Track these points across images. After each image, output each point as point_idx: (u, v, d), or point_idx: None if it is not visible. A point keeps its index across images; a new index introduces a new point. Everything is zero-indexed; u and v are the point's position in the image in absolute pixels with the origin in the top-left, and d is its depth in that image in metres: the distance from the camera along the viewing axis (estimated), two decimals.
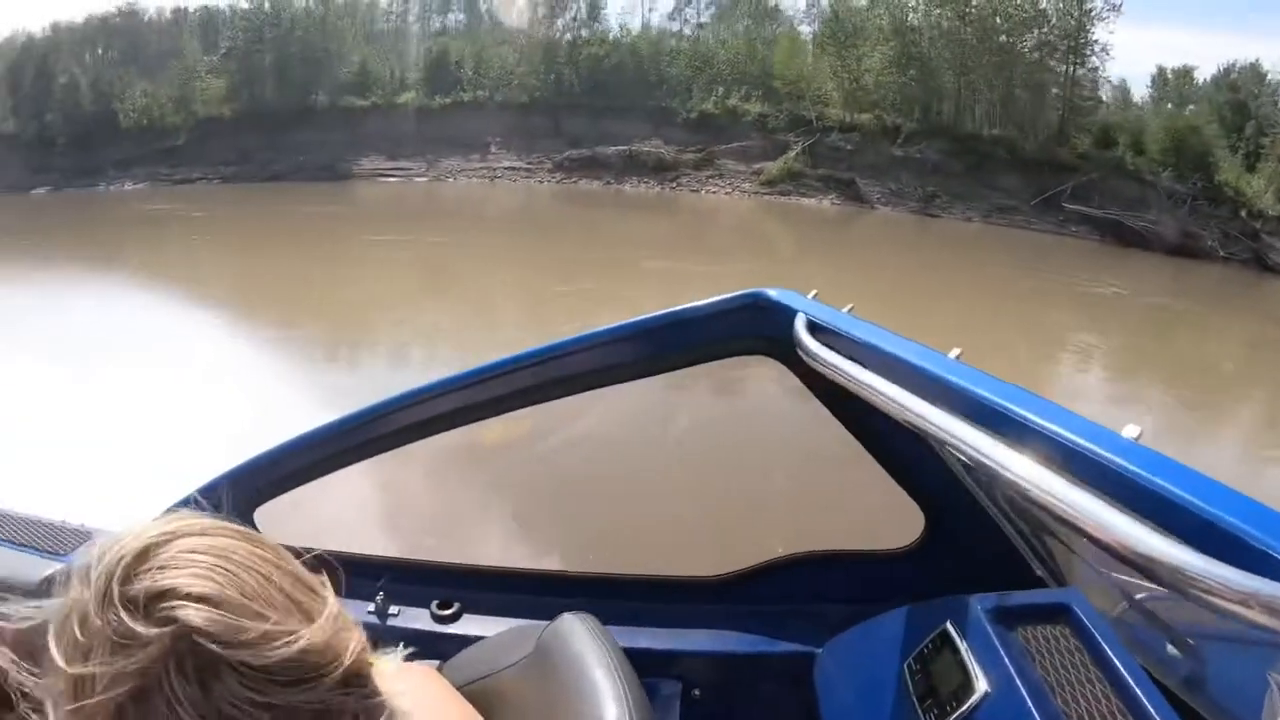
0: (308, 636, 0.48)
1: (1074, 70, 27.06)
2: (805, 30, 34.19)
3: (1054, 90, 27.01)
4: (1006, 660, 0.91)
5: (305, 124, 32.91)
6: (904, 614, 1.14)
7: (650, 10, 43.49)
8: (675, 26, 40.45)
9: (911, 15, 28.59)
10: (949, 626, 0.99)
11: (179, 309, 10.55)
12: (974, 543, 1.34)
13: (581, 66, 34.13)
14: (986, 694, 0.89)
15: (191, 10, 43.59)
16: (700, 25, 38.96)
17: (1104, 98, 28.43)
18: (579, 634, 0.86)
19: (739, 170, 29.00)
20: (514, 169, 31.79)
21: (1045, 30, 27.06)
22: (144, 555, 0.49)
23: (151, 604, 0.47)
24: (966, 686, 0.91)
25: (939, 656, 0.98)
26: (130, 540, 0.50)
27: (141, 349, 7.72)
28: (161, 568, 0.48)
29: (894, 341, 1.16)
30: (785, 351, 1.27)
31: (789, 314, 1.27)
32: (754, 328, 1.32)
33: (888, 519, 1.53)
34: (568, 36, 36.18)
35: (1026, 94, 26.81)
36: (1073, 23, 26.73)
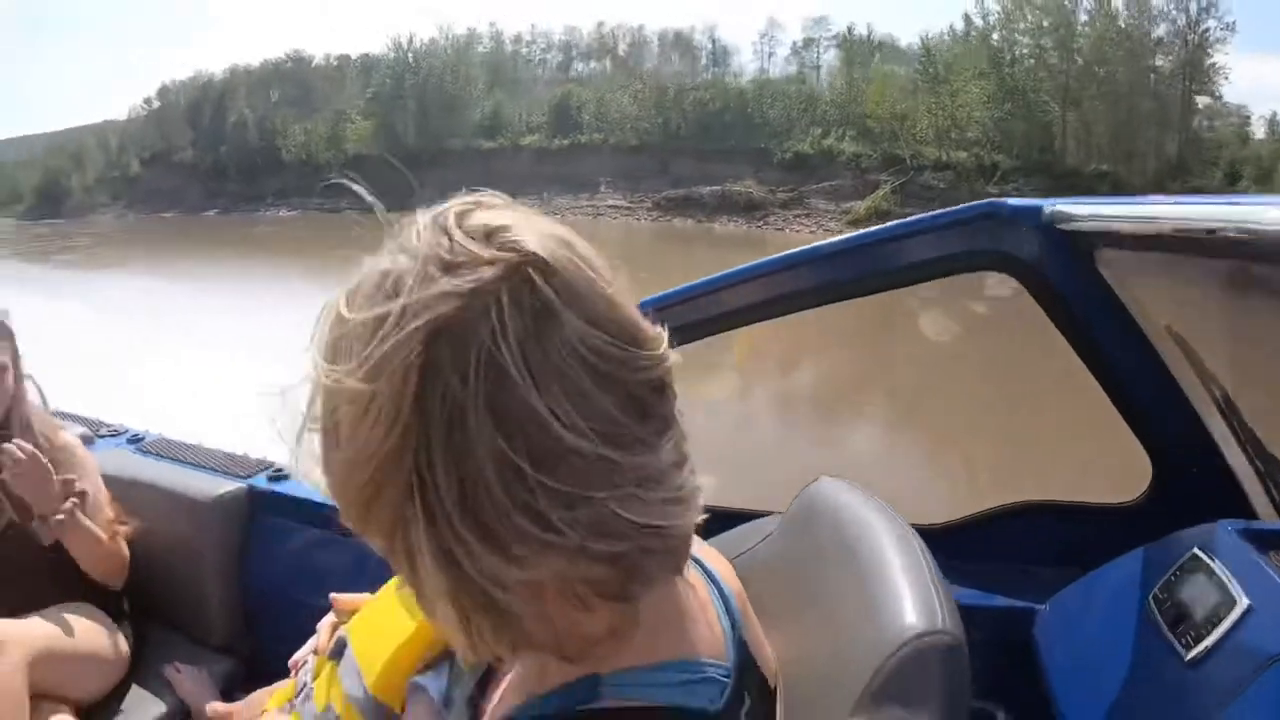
0: (644, 322, 0.43)
1: (1191, 98, 25.15)
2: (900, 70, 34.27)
3: (1158, 119, 25.29)
4: (1271, 572, 0.85)
5: (440, 163, 36.17)
6: (1140, 555, 1.05)
7: (769, 55, 45.34)
8: (793, 69, 42.12)
9: (1008, 47, 27.89)
10: (1198, 551, 0.93)
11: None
12: (1209, 501, 1.15)
13: (689, 110, 36.02)
14: (1250, 608, 0.83)
15: (354, 57, 49.14)
16: (814, 67, 40.29)
17: (1234, 127, 26.36)
18: (839, 489, 0.75)
19: (827, 209, 29.58)
20: (616, 207, 33.88)
21: (1162, 56, 25.48)
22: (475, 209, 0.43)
23: (493, 234, 0.40)
24: (1226, 604, 0.85)
25: (1189, 580, 0.92)
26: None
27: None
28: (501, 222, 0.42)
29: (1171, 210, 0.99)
30: (1021, 267, 1.16)
31: (1031, 223, 1.14)
32: (989, 240, 1.18)
33: (1110, 471, 1.40)
34: (683, 82, 38.35)
35: (1139, 124, 25.34)
36: (1190, 46, 24.84)
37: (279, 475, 1.69)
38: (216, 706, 1.23)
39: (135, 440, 1.95)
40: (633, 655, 0.46)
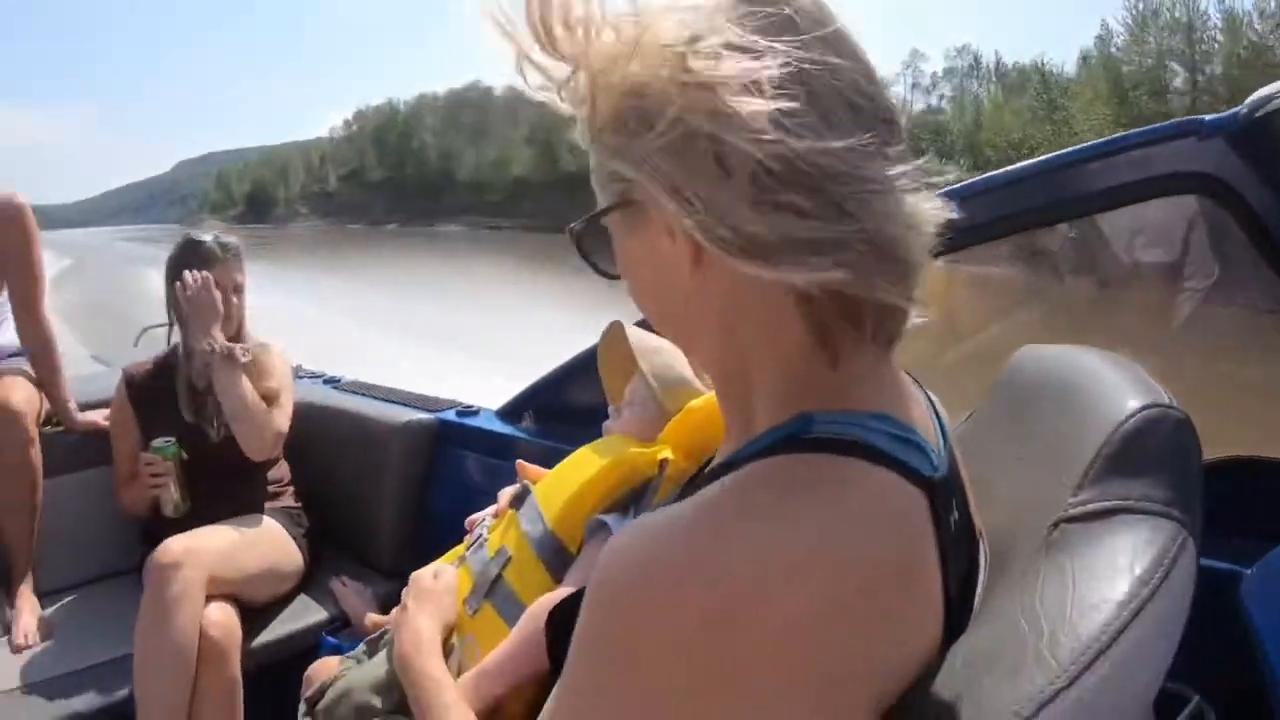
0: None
1: None
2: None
3: None
4: None
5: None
6: None
7: (912, 86, 44.37)
8: (933, 101, 41.43)
9: (1134, 69, 25.54)
10: None
11: None
12: None
13: None
14: None
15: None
16: (952, 97, 39.07)
17: None
18: (1044, 348, 0.67)
19: None
20: None
21: None
22: None
23: None
24: None
25: None
26: None
27: None
28: None
29: None
30: (1224, 190, 1.00)
31: (1231, 128, 0.97)
32: (1189, 160, 1.02)
33: None
34: None
35: None
36: None
37: (468, 410, 1.79)
38: (374, 617, 1.28)
39: (332, 381, 2.11)
40: (845, 401, 0.45)
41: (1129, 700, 0.42)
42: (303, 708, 0.99)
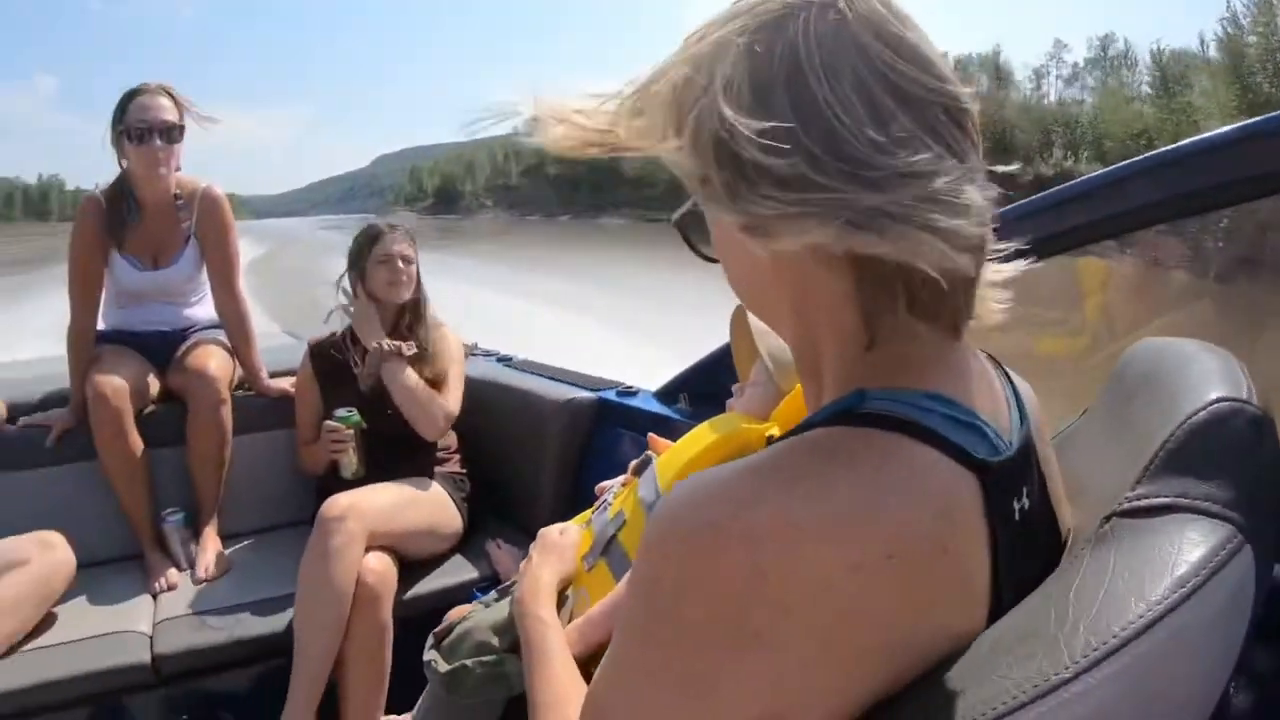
0: (941, 60, 0.46)
1: None
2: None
3: None
4: None
5: None
6: None
7: (1056, 77, 40.27)
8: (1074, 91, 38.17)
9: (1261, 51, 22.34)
10: None
11: None
12: None
13: None
14: None
15: None
16: (1094, 88, 36.45)
17: None
18: (1157, 341, 0.63)
19: None
20: None
21: None
22: None
23: None
24: None
25: None
26: None
27: None
28: None
29: None
30: None
31: None
32: None
33: None
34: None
35: None
36: None
37: (628, 391, 1.86)
38: None
39: (504, 359, 2.25)
40: (901, 379, 0.46)
41: (1141, 707, 0.38)
42: (430, 641, 1.09)
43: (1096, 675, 0.37)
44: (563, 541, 0.99)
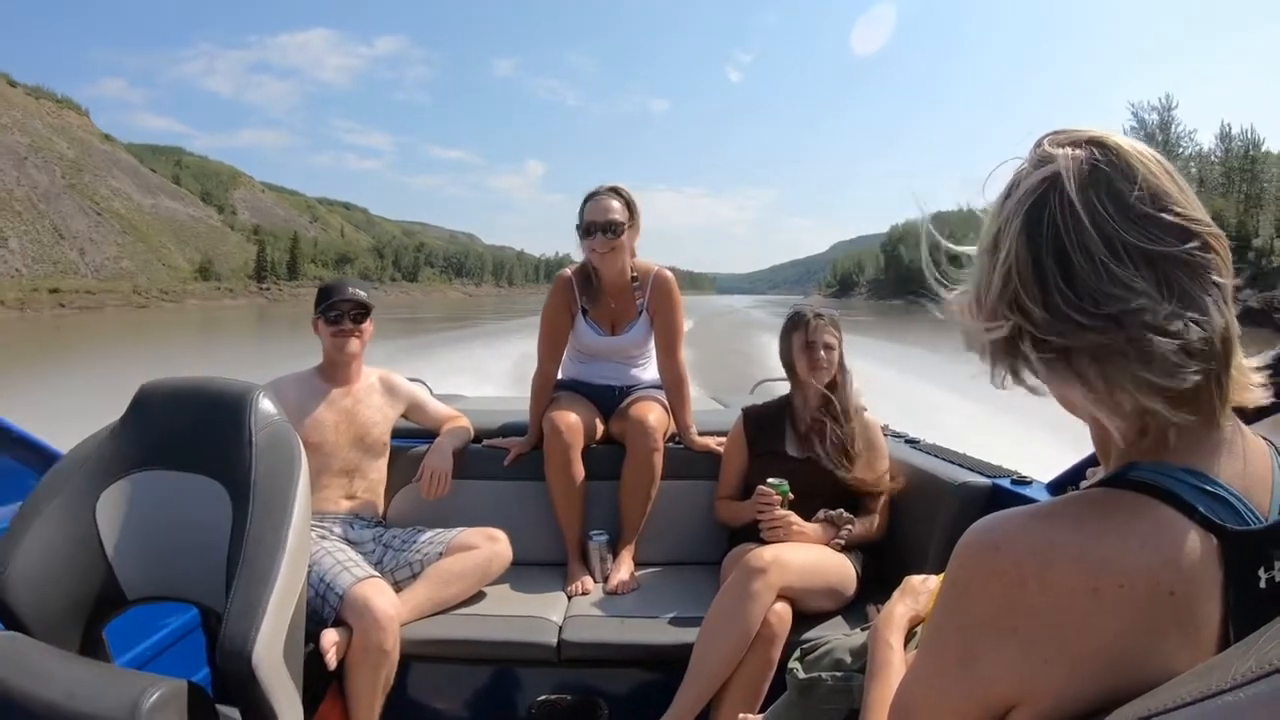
0: (1189, 207, 0.55)
1: None
2: None
3: None
4: None
5: None
6: None
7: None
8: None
9: None
10: None
11: None
12: None
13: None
14: None
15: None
16: None
17: None
18: None
19: None
20: None
21: None
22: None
23: (1067, 138, 0.58)
24: None
25: None
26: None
27: None
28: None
29: None
30: None
31: None
32: None
33: None
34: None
35: None
36: None
37: (1022, 480, 1.88)
38: None
39: (911, 441, 2.39)
40: (1165, 455, 0.56)
41: None
42: (796, 653, 1.27)
43: (1249, 691, 0.40)
44: (921, 587, 1.16)
